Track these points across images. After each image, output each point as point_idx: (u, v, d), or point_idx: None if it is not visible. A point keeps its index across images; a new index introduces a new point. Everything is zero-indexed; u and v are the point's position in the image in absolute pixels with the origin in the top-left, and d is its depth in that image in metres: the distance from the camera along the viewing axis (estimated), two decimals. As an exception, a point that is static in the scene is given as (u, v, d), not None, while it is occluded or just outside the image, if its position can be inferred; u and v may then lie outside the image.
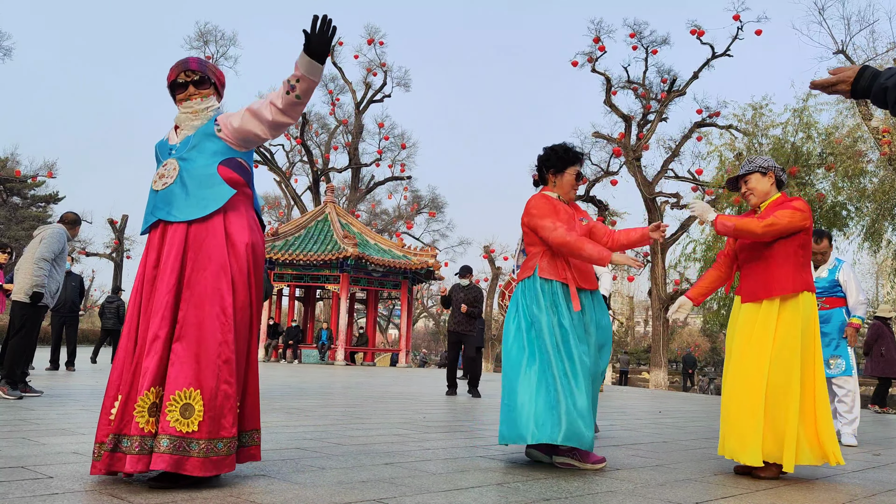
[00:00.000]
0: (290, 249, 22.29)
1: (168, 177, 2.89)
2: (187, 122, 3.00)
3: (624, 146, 24.20)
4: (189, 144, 2.94)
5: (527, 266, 3.88)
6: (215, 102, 3.08)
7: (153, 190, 2.93)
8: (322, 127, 35.11)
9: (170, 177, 2.89)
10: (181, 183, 2.88)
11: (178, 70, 3.01)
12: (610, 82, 25.14)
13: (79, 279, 11.37)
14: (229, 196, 2.88)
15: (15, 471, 2.84)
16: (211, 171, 2.89)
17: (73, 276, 11.27)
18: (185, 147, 2.93)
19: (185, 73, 3.01)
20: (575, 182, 3.93)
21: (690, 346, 45.32)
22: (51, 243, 6.32)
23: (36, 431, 4.04)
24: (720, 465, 3.96)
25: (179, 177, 2.88)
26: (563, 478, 3.32)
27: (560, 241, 3.66)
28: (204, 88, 3.04)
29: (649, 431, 5.78)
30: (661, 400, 11.69)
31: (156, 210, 2.89)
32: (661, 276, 23.23)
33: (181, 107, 3.03)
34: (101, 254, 39.02)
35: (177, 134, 3.01)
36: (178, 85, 3.03)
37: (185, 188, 2.87)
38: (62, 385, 7.87)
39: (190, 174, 2.88)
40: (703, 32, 23.92)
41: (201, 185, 2.86)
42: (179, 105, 3.04)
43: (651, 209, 23.97)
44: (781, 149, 18.04)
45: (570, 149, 3.96)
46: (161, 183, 2.90)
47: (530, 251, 3.91)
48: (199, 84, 3.03)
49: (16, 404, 5.54)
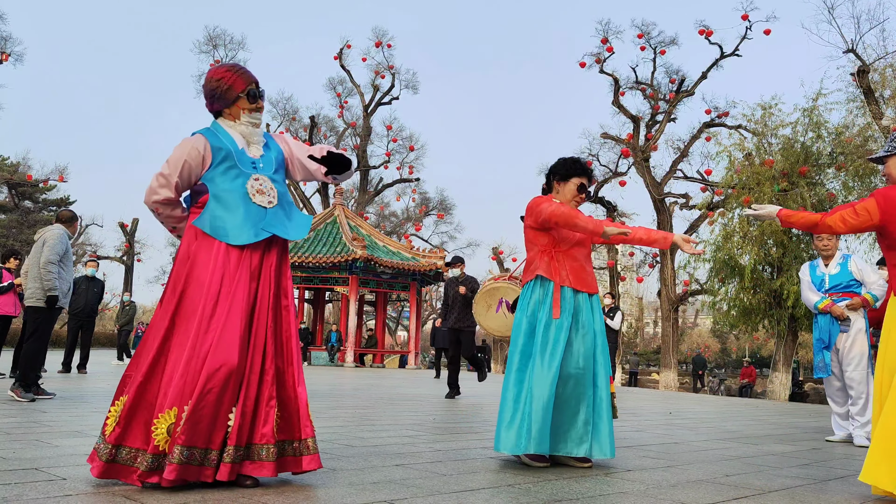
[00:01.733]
0: (299, 252, 22.34)
1: (271, 195, 2.95)
2: (257, 136, 3.02)
3: (632, 147, 24.13)
4: (273, 165, 3.02)
5: (527, 269, 3.96)
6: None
7: (258, 206, 2.91)
8: (330, 129, 35.20)
9: (272, 196, 2.96)
10: (282, 205, 2.99)
11: (250, 78, 3.00)
12: (618, 83, 25.09)
13: (101, 285, 11.54)
14: (311, 221, 3.12)
15: (29, 472, 2.86)
16: (290, 198, 3.08)
17: (97, 281, 11.45)
18: (271, 167, 3.01)
19: (255, 84, 3.02)
20: (577, 192, 3.94)
21: (700, 348, 45.12)
22: (54, 245, 6.36)
23: (49, 433, 4.07)
24: (732, 467, 3.95)
25: (279, 198, 2.98)
26: (575, 479, 3.31)
27: (554, 211, 3.73)
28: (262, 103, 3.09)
29: (660, 433, 5.76)
30: (672, 401, 11.64)
31: (269, 226, 2.92)
32: (671, 277, 23.15)
33: (249, 116, 3.01)
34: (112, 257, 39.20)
35: (249, 146, 3.01)
36: (255, 95, 3.01)
37: (285, 210, 3.00)
38: (74, 387, 7.91)
39: (285, 198, 3.02)
40: (711, 32, 23.85)
41: (291, 210, 3.04)
42: (246, 114, 3.01)
43: (660, 210, 23.89)
44: (791, 148, 17.94)
45: (577, 160, 4.03)
46: (266, 200, 2.93)
47: (529, 254, 3.98)
48: (261, 98, 3.06)
49: (29, 406, 5.57)
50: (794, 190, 17.08)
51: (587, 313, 3.81)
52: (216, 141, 2.94)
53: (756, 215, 3.70)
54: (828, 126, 18.26)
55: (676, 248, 22.88)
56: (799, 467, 4.09)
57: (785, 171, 17.44)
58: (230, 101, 2.99)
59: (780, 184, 17.21)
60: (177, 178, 2.91)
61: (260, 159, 2.98)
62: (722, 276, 18.25)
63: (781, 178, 17.39)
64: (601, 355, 3.79)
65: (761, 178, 17.40)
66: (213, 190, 2.89)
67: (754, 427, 6.91)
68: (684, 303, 25.43)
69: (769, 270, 18.01)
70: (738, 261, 17.47)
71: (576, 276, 3.82)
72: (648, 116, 25.17)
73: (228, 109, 3.00)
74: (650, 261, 29.16)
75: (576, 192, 3.94)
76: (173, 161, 2.90)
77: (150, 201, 2.95)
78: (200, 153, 2.90)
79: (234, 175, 2.91)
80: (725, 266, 17.82)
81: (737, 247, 17.86)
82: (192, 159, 2.89)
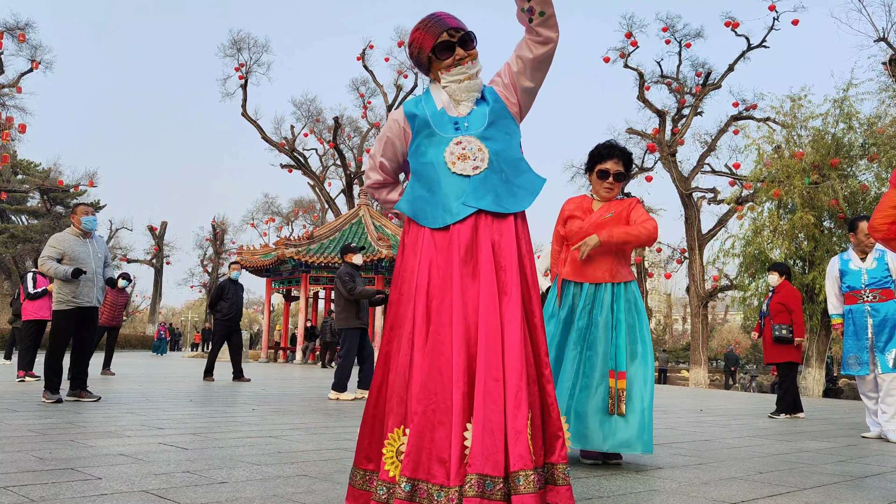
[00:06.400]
0: (325, 252, 22.48)
1: (478, 159, 2.37)
2: (466, 92, 2.44)
3: (658, 142, 23.89)
4: (486, 120, 2.43)
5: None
6: (480, 66, 2.51)
7: (457, 174, 2.37)
8: (354, 130, 35.36)
9: (480, 159, 2.37)
10: (498, 168, 2.39)
11: (438, 30, 2.42)
12: (643, 77, 24.86)
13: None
14: (543, 184, 2.45)
15: (65, 472, 2.91)
16: (518, 155, 2.46)
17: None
18: (482, 123, 2.42)
19: (448, 33, 2.42)
20: (600, 180, 3.88)
21: (731, 344, 44.54)
22: (47, 246, 6.42)
23: (83, 434, 4.14)
24: (766, 464, 3.88)
25: (491, 161, 2.38)
26: (605, 477, 3.29)
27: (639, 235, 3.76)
28: (471, 48, 2.46)
29: (691, 430, 5.69)
30: (702, 398, 11.50)
31: (471, 198, 2.34)
32: (700, 273, 22.88)
33: (449, 74, 2.44)
34: (142, 260, 39.81)
35: (456, 105, 2.47)
36: (444, 47, 2.43)
37: (502, 174, 2.39)
38: (106, 389, 8.04)
39: (501, 158, 2.41)
40: (737, 24, 23.50)
41: (516, 172, 2.42)
42: (445, 73, 2.45)
43: (688, 205, 23.62)
44: (822, 140, 17.61)
45: (597, 146, 3.98)
46: (471, 166, 2.37)
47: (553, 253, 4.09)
48: (466, 43, 2.45)
49: (63, 408, 5.68)
50: (825, 182, 16.77)
51: (598, 304, 3.74)
52: (413, 108, 2.51)
53: None
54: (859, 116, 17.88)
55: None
56: (834, 464, 4.01)
57: (816, 164, 17.12)
58: (426, 67, 2.51)
59: (811, 176, 16.91)
60: (381, 157, 2.58)
61: (467, 117, 2.44)
62: (752, 270, 17.97)
63: (812, 170, 17.08)
64: (629, 345, 3.68)
65: (791, 170, 17.11)
66: (413, 165, 2.48)
67: (787, 424, 6.79)
68: (714, 298, 25.12)
69: (800, 265, 17.70)
70: (769, 255, 17.19)
71: (574, 268, 3.83)
72: (675, 111, 24.90)
73: (431, 74, 2.52)
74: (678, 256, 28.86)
75: (599, 180, 3.90)
76: (378, 139, 2.58)
77: (366, 187, 2.56)
78: (400, 125, 2.52)
79: (436, 143, 2.43)
80: (755, 261, 17.54)
81: (767, 241, 17.57)
82: (394, 134, 2.54)
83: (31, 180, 37.95)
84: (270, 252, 23.65)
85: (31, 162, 42.05)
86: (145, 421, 4.92)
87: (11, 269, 38.96)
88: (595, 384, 3.62)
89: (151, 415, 5.35)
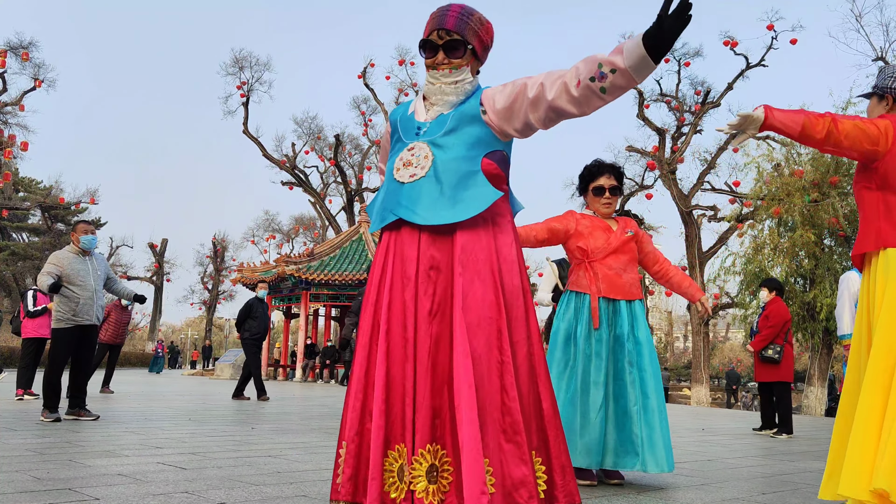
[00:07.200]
0: (325, 270, 22.48)
1: (419, 167, 2.26)
2: (439, 94, 2.32)
3: (658, 159, 23.97)
4: (445, 126, 2.29)
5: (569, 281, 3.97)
6: (469, 76, 2.35)
7: (396, 181, 2.28)
8: (355, 148, 35.49)
9: (421, 167, 2.25)
10: (437, 178, 2.24)
11: (432, 25, 2.33)
12: (642, 95, 25.00)
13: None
14: (494, 200, 2.25)
15: (62, 493, 2.89)
16: (474, 168, 2.26)
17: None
18: (440, 128, 2.29)
19: (437, 33, 2.32)
20: (597, 197, 3.88)
21: (733, 362, 44.37)
22: (47, 264, 6.42)
23: (82, 453, 4.11)
24: (768, 484, 3.85)
25: (433, 168, 2.24)
26: (606, 497, 3.26)
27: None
28: (456, 57, 2.31)
29: (693, 449, 5.65)
30: (704, 417, 11.44)
31: (397, 207, 2.26)
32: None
33: (428, 74, 2.35)
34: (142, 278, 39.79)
35: (426, 107, 2.37)
36: (426, 46, 2.34)
37: (439, 184, 2.23)
38: (105, 408, 8.01)
39: (448, 168, 2.24)
40: (736, 43, 23.67)
41: (463, 186, 2.24)
42: (428, 73, 2.36)
43: (688, 223, 23.65)
44: (821, 158, 17.67)
45: (585, 167, 3.98)
46: (409, 173, 2.26)
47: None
48: (451, 50, 2.31)
49: (61, 427, 5.65)
50: (825, 200, 16.80)
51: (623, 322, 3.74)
52: (394, 112, 2.45)
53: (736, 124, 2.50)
54: (858, 135, 17.95)
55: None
56: (838, 485, 3.97)
57: (815, 182, 17.17)
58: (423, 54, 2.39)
59: (811, 194, 16.94)
60: (380, 164, 2.53)
61: (429, 122, 2.33)
62: (753, 288, 17.96)
63: (812, 188, 17.12)
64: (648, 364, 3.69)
65: (791, 188, 17.15)
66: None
67: (790, 443, 6.75)
68: (715, 316, 25.06)
69: (801, 283, 17.70)
70: (770, 273, 17.19)
71: (608, 284, 3.77)
72: (674, 128, 25.01)
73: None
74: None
75: (593, 197, 3.90)
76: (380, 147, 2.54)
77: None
78: (387, 131, 2.46)
79: (398, 148, 2.37)
80: (756, 278, 17.53)
81: (767, 259, 17.58)
82: (385, 140, 2.49)
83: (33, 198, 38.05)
84: (271, 269, 23.65)
85: (32, 179, 42.21)
86: (144, 440, 4.89)
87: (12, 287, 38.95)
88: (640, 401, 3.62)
89: (150, 434, 5.32)
